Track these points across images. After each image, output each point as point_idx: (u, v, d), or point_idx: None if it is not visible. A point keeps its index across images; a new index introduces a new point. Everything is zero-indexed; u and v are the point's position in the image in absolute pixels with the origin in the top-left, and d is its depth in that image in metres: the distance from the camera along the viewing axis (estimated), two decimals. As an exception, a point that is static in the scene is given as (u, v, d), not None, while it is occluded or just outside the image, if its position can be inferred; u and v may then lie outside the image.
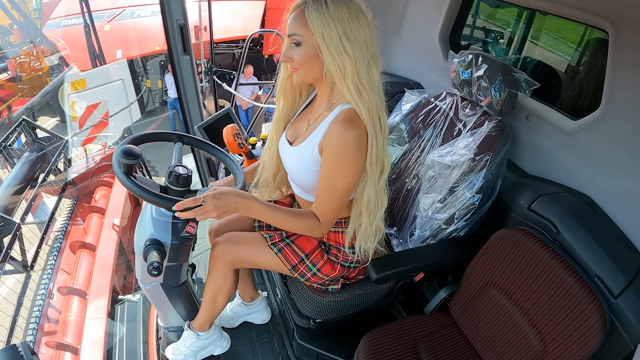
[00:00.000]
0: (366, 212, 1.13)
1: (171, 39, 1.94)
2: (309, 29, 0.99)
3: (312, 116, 1.15)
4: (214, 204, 0.98)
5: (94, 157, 3.86)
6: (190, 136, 1.27)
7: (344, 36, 0.98)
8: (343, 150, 1.02)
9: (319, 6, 0.97)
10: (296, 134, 1.17)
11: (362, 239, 1.17)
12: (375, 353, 1.20)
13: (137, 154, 1.03)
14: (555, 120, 1.33)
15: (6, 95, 6.45)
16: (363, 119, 1.02)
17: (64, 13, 6.17)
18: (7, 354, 1.16)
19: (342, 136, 1.01)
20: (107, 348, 1.99)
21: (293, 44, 1.03)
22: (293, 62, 1.04)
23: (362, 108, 1.01)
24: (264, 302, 1.60)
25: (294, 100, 1.21)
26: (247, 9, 6.66)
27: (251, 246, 1.26)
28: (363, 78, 1.01)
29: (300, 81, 1.08)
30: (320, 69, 1.04)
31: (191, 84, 2.12)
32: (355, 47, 0.99)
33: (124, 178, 1.03)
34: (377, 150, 1.04)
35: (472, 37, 2.28)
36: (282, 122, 1.23)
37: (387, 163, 1.09)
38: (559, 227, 1.16)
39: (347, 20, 0.98)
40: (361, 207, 1.13)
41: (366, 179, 1.09)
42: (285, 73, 1.15)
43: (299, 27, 1.00)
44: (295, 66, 1.05)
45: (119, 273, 2.80)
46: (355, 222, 1.16)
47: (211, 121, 1.87)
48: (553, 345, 1.07)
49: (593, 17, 1.18)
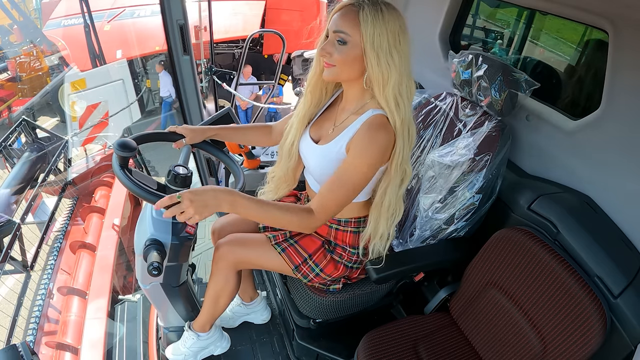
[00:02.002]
0: (384, 217, 1.14)
1: (171, 39, 1.94)
2: (360, 31, 0.99)
3: (338, 117, 1.15)
4: (190, 199, 0.90)
5: (94, 157, 3.86)
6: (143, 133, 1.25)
7: (394, 47, 1.00)
8: (370, 149, 1.03)
9: (375, 12, 0.98)
10: (321, 133, 1.17)
11: (378, 242, 1.18)
12: (375, 353, 1.20)
13: (133, 146, 1.02)
14: (555, 120, 1.33)
15: (6, 95, 6.44)
16: (395, 128, 1.04)
17: (64, 13, 6.16)
18: (7, 354, 1.16)
19: (372, 136, 1.02)
20: (107, 348, 1.98)
21: (337, 41, 1.02)
22: (332, 58, 1.03)
23: (397, 118, 1.03)
24: (263, 302, 1.60)
25: (320, 97, 1.19)
26: (247, 9, 6.65)
27: (254, 247, 1.26)
28: (403, 90, 1.03)
29: (333, 78, 1.07)
30: (359, 71, 1.05)
31: (191, 84, 2.11)
32: (402, 60, 1.01)
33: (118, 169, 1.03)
34: (402, 159, 1.07)
35: (472, 37, 2.28)
36: (306, 120, 1.21)
37: (408, 173, 1.11)
38: (559, 227, 1.16)
39: (398, 32, 1.00)
40: (381, 211, 1.14)
41: (389, 182, 1.10)
42: (317, 68, 1.13)
43: (349, 26, 1.00)
44: (334, 63, 1.04)
45: (119, 273, 2.80)
46: (373, 225, 1.17)
47: (211, 121, 1.87)
48: (553, 345, 1.07)
49: (593, 17, 1.18)
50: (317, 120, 1.21)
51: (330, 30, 1.03)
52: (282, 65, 2.87)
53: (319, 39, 1.08)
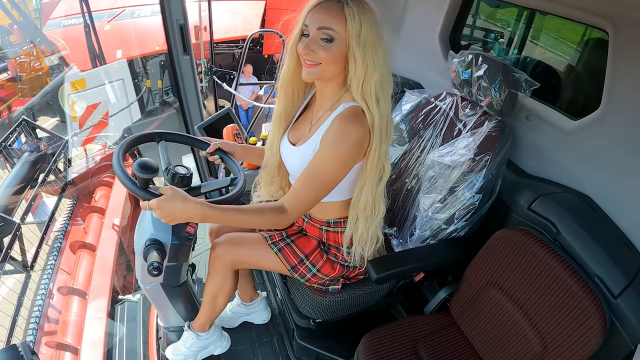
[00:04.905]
0: (362, 217, 1.13)
1: (171, 39, 1.94)
2: (347, 27, 0.96)
3: (314, 116, 1.14)
4: (158, 206, 0.92)
5: (94, 157, 3.85)
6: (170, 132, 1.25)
7: (378, 43, 0.98)
8: (341, 144, 1.00)
9: (360, 7, 0.95)
10: (298, 136, 1.17)
11: (358, 244, 1.17)
12: (375, 353, 1.20)
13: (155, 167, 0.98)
14: (555, 120, 1.33)
15: (6, 95, 6.43)
16: (373, 124, 1.02)
17: (64, 13, 6.16)
18: (7, 354, 1.16)
19: (343, 130, 1.00)
20: (107, 348, 1.98)
21: (323, 39, 0.98)
22: (316, 56, 0.99)
23: (376, 114, 1.01)
24: (263, 302, 1.60)
25: (293, 98, 1.17)
26: (247, 9, 6.65)
27: (251, 247, 1.26)
28: (385, 86, 1.01)
29: (317, 77, 1.04)
30: (341, 68, 1.02)
31: (191, 84, 2.12)
32: (384, 55, 0.99)
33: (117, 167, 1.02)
34: (379, 155, 1.04)
35: (472, 37, 2.28)
36: (283, 120, 1.19)
37: (387, 169, 1.09)
38: (559, 227, 1.16)
39: (378, 27, 0.98)
40: (358, 212, 1.12)
41: (365, 181, 1.08)
42: (290, 66, 1.09)
43: (335, 22, 0.96)
44: (319, 61, 1.00)
45: (119, 273, 2.79)
46: (352, 226, 1.16)
47: (211, 121, 1.87)
48: (553, 345, 1.07)
49: (593, 17, 1.18)
50: (295, 124, 1.20)
51: (312, 26, 0.98)
52: (282, 65, 2.86)
53: (292, 36, 1.03)
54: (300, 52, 1.02)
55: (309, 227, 1.27)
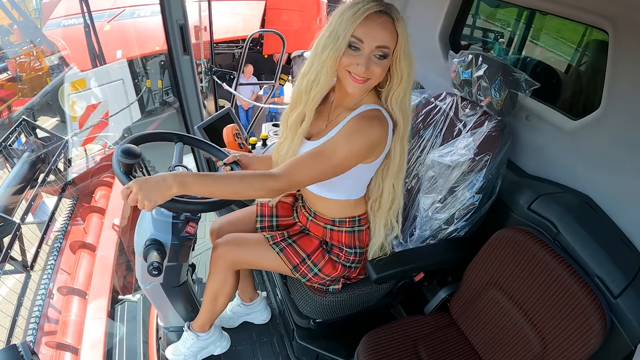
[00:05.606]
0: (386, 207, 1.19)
1: (171, 39, 1.94)
2: (397, 43, 0.97)
3: (332, 113, 1.14)
4: (138, 186, 0.88)
5: (94, 157, 3.86)
6: (189, 136, 1.27)
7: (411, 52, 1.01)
8: (359, 137, 0.99)
9: (403, 22, 0.97)
10: (313, 130, 1.15)
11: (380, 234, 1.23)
12: (375, 353, 1.20)
13: (137, 153, 1.01)
14: (555, 120, 1.33)
15: (6, 95, 6.43)
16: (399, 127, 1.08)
17: (64, 13, 6.16)
18: (7, 354, 1.16)
19: (364, 126, 1.01)
20: (107, 348, 1.98)
21: (378, 56, 0.97)
22: (369, 72, 0.97)
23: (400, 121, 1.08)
24: (263, 302, 1.60)
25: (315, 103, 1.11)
26: (247, 9, 6.66)
27: (252, 247, 1.26)
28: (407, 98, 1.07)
29: (364, 92, 1.04)
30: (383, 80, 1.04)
31: (191, 84, 2.12)
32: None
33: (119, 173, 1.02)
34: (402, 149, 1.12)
35: (472, 37, 2.28)
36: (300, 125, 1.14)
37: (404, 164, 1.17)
38: (559, 227, 1.16)
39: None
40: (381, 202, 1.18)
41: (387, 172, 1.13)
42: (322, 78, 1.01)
43: (390, 40, 0.97)
44: (371, 76, 0.99)
45: (119, 273, 2.79)
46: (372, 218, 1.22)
47: (211, 121, 1.87)
48: (553, 345, 1.07)
49: (593, 17, 1.18)
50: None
51: (368, 44, 0.95)
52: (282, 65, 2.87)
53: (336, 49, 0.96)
54: (347, 66, 0.99)
55: (313, 226, 1.27)
